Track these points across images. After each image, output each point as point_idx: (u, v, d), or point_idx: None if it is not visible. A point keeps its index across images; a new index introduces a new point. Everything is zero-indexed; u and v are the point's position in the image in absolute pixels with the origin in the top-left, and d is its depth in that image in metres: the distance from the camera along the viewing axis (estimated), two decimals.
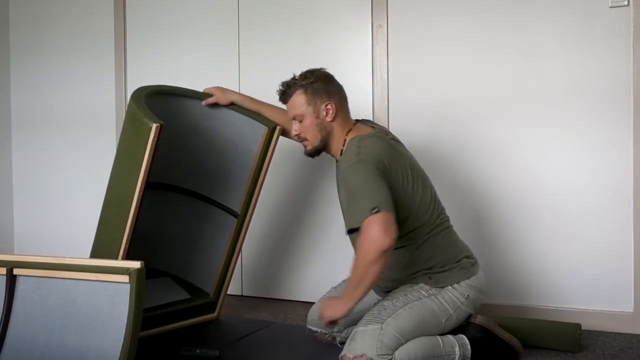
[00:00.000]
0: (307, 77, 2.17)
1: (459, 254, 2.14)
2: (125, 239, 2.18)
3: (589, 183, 2.54)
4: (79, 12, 3.59)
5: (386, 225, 1.88)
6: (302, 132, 2.18)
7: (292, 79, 2.19)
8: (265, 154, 2.48)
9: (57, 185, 3.68)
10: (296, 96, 2.17)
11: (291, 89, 2.18)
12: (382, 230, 1.87)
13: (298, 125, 2.19)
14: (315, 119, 2.15)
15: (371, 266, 1.89)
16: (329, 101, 2.14)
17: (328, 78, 2.20)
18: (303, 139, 2.20)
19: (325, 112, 2.15)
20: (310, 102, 2.15)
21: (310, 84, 2.15)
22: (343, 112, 2.19)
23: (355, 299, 1.96)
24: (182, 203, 2.71)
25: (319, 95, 2.15)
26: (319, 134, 2.16)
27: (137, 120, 2.17)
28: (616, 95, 2.49)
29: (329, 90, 2.16)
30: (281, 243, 3.12)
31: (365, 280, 1.92)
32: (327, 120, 2.15)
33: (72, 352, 1.82)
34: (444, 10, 2.74)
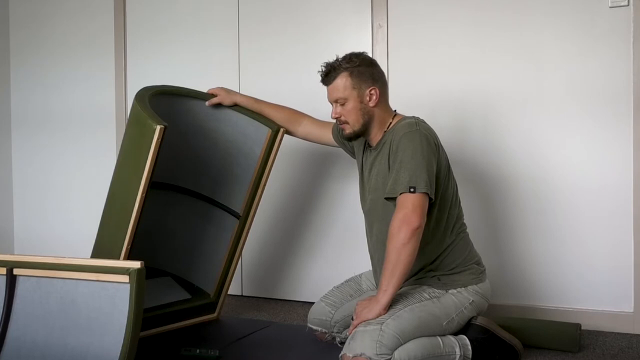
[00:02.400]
0: (352, 60, 2.12)
1: (471, 259, 2.15)
2: (127, 239, 2.17)
3: (589, 183, 2.54)
4: (79, 11, 3.59)
5: (417, 207, 1.92)
6: (344, 116, 2.14)
7: (336, 60, 2.14)
8: (268, 156, 2.48)
9: (58, 185, 3.68)
10: (340, 79, 2.12)
11: (336, 71, 2.12)
12: (412, 210, 1.91)
13: (340, 109, 2.14)
14: (359, 103, 2.12)
15: (404, 247, 1.91)
16: (374, 86, 2.12)
17: (372, 63, 2.16)
18: (343, 122, 2.16)
19: (369, 97, 2.12)
20: (355, 86, 2.11)
21: (355, 67, 2.11)
22: (385, 98, 2.17)
23: (391, 291, 1.95)
24: (184, 203, 2.71)
25: (364, 80, 2.11)
26: (361, 118, 2.13)
27: (141, 121, 2.17)
28: (616, 95, 2.49)
29: (373, 75, 2.13)
30: (281, 243, 3.12)
31: (400, 264, 1.92)
32: (370, 105, 2.12)
33: (72, 352, 1.82)
34: (444, 10, 2.74)
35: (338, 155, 2.81)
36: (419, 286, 2.08)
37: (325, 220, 3.01)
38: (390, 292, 1.95)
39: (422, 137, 2.02)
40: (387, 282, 1.95)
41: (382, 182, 2.11)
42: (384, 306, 1.96)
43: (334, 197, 2.99)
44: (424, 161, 1.97)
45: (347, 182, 2.90)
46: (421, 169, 1.96)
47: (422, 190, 1.94)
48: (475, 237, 2.53)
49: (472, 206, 2.70)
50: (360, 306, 2.02)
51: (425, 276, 2.09)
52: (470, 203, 2.71)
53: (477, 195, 2.72)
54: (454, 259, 2.11)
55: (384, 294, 1.95)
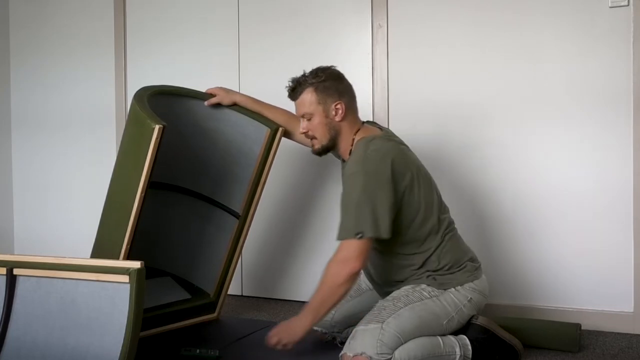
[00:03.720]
0: (318, 75, 2.14)
1: (464, 257, 2.14)
2: (126, 239, 2.17)
3: (589, 183, 2.54)
4: (79, 11, 3.59)
5: (361, 251, 1.96)
6: (311, 131, 2.16)
7: (303, 76, 2.16)
8: (267, 155, 2.48)
9: (58, 185, 3.68)
10: (306, 94, 2.14)
11: (301, 86, 2.14)
12: (355, 255, 1.95)
13: (306, 123, 2.16)
14: (325, 118, 2.13)
15: (339, 288, 1.97)
16: (339, 100, 2.13)
17: (339, 77, 2.17)
18: (311, 137, 2.18)
19: (334, 111, 2.13)
20: (320, 101, 2.12)
21: (321, 82, 2.12)
22: (352, 111, 2.17)
23: (316, 320, 2.02)
24: (184, 203, 2.71)
25: (330, 94, 2.12)
26: (327, 133, 2.15)
27: (140, 121, 2.17)
28: (616, 95, 2.49)
29: (339, 89, 2.14)
30: (281, 243, 3.12)
31: (330, 301, 1.99)
32: (337, 119, 2.13)
33: (72, 352, 1.82)
34: (444, 10, 2.74)
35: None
36: (418, 285, 2.08)
37: (325, 219, 3.00)
38: (315, 321, 2.03)
39: (367, 177, 1.98)
40: (314, 311, 2.01)
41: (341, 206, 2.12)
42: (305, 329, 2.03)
43: (334, 196, 2.98)
44: (368, 203, 1.96)
45: None
46: (366, 213, 1.95)
47: (368, 235, 1.95)
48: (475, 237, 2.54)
49: (472, 206, 2.70)
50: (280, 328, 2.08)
51: (421, 277, 2.09)
52: (470, 203, 2.71)
53: (477, 194, 2.71)
54: (447, 259, 2.10)
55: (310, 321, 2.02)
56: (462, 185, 2.73)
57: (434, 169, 2.48)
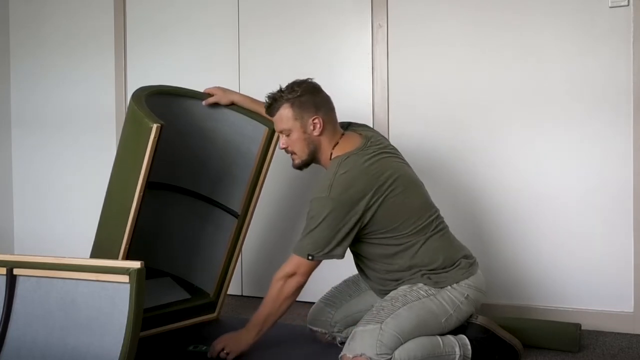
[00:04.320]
0: (294, 89, 2.13)
1: (457, 255, 2.14)
2: (125, 239, 2.17)
3: (589, 183, 2.54)
4: (78, 11, 3.58)
5: (307, 270, 2.05)
6: (290, 146, 2.16)
7: (279, 91, 2.16)
8: (265, 155, 2.48)
9: (58, 185, 3.68)
10: (283, 110, 2.13)
11: (277, 102, 2.14)
12: (302, 272, 2.05)
13: (285, 139, 2.17)
14: (303, 133, 2.13)
15: (284, 301, 2.07)
16: (316, 115, 2.12)
17: (315, 90, 2.17)
18: (291, 153, 2.19)
19: (312, 126, 2.12)
20: (297, 117, 2.12)
21: (297, 97, 2.12)
22: (330, 124, 2.17)
23: (260, 333, 2.10)
24: (183, 203, 2.71)
25: (306, 109, 2.12)
26: (306, 148, 2.15)
27: (138, 120, 2.17)
28: (616, 95, 2.49)
29: (316, 103, 2.13)
30: (281, 242, 3.11)
31: (274, 315, 2.09)
32: (315, 134, 2.13)
33: (72, 352, 1.82)
34: (444, 10, 2.74)
35: None
36: (415, 285, 2.07)
37: None
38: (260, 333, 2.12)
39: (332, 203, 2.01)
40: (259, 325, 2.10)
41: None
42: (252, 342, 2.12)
43: None
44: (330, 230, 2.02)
45: None
46: (324, 238, 2.02)
47: (319, 258, 2.04)
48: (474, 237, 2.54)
49: (472, 206, 2.70)
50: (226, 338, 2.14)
51: (416, 276, 2.08)
52: (469, 203, 2.71)
53: (477, 194, 2.71)
54: (440, 258, 2.09)
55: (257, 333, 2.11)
56: (462, 185, 2.73)
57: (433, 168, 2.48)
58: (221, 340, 2.14)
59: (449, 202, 2.27)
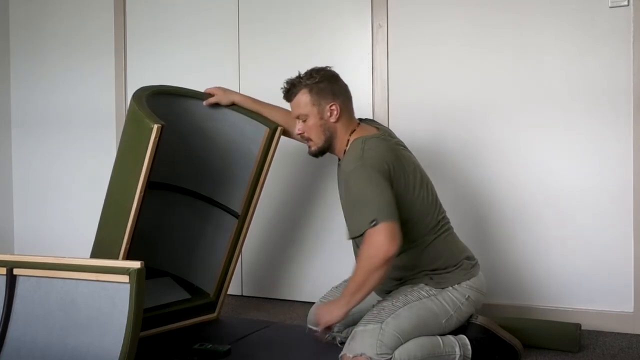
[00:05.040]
0: (313, 76, 2.14)
1: (460, 256, 2.14)
2: (125, 239, 2.17)
3: (589, 183, 2.54)
4: (79, 11, 3.58)
5: (391, 234, 1.89)
6: (306, 132, 2.17)
7: (297, 77, 2.16)
8: (266, 155, 2.48)
9: (58, 185, 3.68)
10: (301, 95, 2.14)
11: (296, 87, 2.15)
12: (387, 238, 1.88)
13: (302, 125, 2.17)
14: (320, 119, 2.13)
15: (374, 273, 1.90)
16: (334, 102, 2.12)
17: (334, 77, 2.17)
18: (307, 139, 2.19)
19: (329, 112, 2.13)
20: (315, 103, 2.12)
21: (315, 83, 2.12)
22: (347, 112, 2.17)
23: (353, 304, 1.97)
24: (183, 203, 2.71)
25: (324, 96, 2.12)
26: (322, 134, 2.15)
27: (139, 121, 2.17)
28: (616, 95, 2.48)
29: (334, 91, 2.14)
30: (281, 243, 3.12)
31: (366, 286, 1.93)
32: (331, 121, 2.13)
33: (72, 352, 1.82)
34: (444, 10, 2.74)
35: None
36: (416, 285, 2.08)
37: (325, 219, 3.01)
38: (351, 305, 1.97)
39: (366, 171, 1.98)
40: (349, 297, 1.96)
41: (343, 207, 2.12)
42: (344, 313, 1.98)
43: (333, 196, 2.98)
44: (377, 191, 1.95)
45: None
46: (377, 200, 1.94)
47: (386, 220, 1.90)
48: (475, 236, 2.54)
49: (472, 206, 2.70)
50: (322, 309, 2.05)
51: (417, 276, 2.09)
52: (469, 202, 2.71)
53: (476, 194, 2.71)
54: (443, 258, 2.09)
55: (347, 303, 1.97)
56: (462, 185, 2.73)
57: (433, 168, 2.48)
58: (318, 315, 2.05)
59: (448, 202, 2.27)
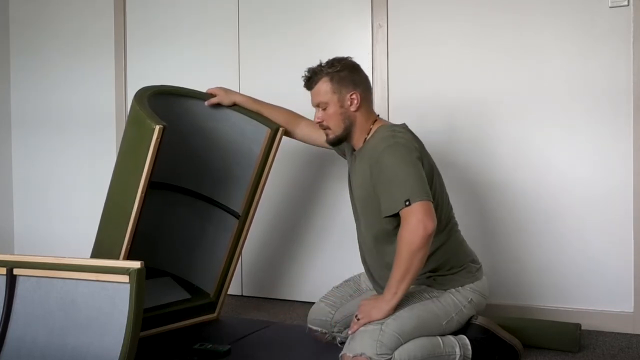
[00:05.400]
0: (334, 65, 2.13)
1: (465, 258, 2.15)
2: (126, 240, 2.17)
3: (589, 183, 2.54)
4: (79, 11, 3.59)
5: (425, 212, 1.90)
6: (325, 120, 2.15)
7: (319, 65, 2.15)
8: (267, 156, 2.48)
9: (58, 185, 3.68)
10: (322, 83, 2.13)
11: (317, 75, 2.14)
12: (423, 216, 1.89)
13: (321, 113, 2.16)
14: (340, 107, 2.12)
15: (416, 254, 1.90)
16: (355, 91, 2.12)
17: (355, 67, 2.17)
18: (325, 127, 2.18)
19: (349, 101, 2.12)
20: (335, 91, 2.12)
21: (336, 72, 2.12)
22: (367, 102, 2.17)
23: (400, 293, 1.94)
24: (184, 203, 2.71)
25: (345, 84, 2.12)
26: (342, 123, 2.14)
27: (140, 121, 2.17)
28: (616, 95, 2.49)
29: (355, 80, 2.14)
30: (281, 243, 3.12)
31: (411, 271, 1.91)
32: (352, 109, 2.13)
33: (72, 352, 1.82)
34: (444, 10, 2.74)
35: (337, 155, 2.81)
36: (418, 286, 2.08)
37: (325, 220, 3.01)
38: (399, 295, 1.94)
39: (401, 148, 2.01)
40: (396, 285, 1.93)
41: (366, 194, 2.11)
42: (393, 307, 1.95)
43: (333, 196, 2.99)
44: (412, 170, 1.96)
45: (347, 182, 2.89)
46: (412, 178, 1.95)
47: (420, 199, 1.92)
48: (475, 237, 2.54)
49: (472, 206, 2.70)
50: (366, 305, 2.00)
51: (421, 277, 2.09)
52: (470, 202, 2.71)
53: (477, 194, 2.71)
54: (449, 259, 2.10)
55: (394, 296, 1.94)
56: (461, 185, 2.73)
57: None
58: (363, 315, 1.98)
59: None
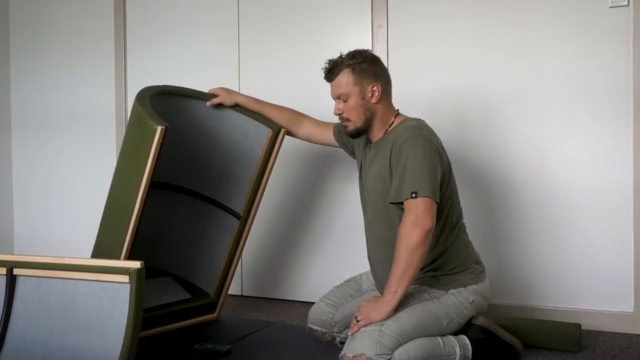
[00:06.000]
0: (355, 57, 2.12)
1: (470, 259, 2.15)
2: (127, 241, 2.17)
3: (589, 183, 2.54)
4: (79, 11, 3.58)
5: (426, 208, 1.93)
6: (346, 112, 2.14)
7: (340, 57, 2.14)
8: (269, 157, 2.47)
9: (57, 185, 3.68)
10: (343, 75, 2.12)
11: (338, 67, 2.12)
12: (422, 213, 1.92)
13: (342, 105, 2.14)
14: (361, 99, 2.12)
15: (415, 250, 1.91)
16: (376, 82, 2.12)
17: (375, 59, 2.17)
18: (345, 119, 2.16)
19: (371, 93, 2.12)
20: (357, 82, 2.11)
21: (358, 64, 2.11)
22: (387, 95, 2.17)
23: (400, 292, 1.94)
24: (185, 203, 2.71)
25: (366, 76, 2.11)
26: (363, 114, 2.13)
27: (142, 122, 2.16)
28: (616, 95, 2.49)
29: (375, 72, 2.13)
30: (281, 243, 3.12)
31: (411, 268, 1.92)
32: (372, 101, 2.12)
33: (72, 352, 1.82)
34: (444, 10, 2.74)
35: (338, 156, 2.81)
36: (419, 286, 2.08)
37: (326, 220, 3.01)
38: (399, 294, 1.94)
39: (426, 142, 2.02)
40: (396, 284, 1.94)
41: (382, 185, 2.10)
42: (393, 308, 1.94)
43: (334, 197, 2.99)
44: (428, 166, 1.98)
45: (348, 183, 2.90)
46: (425, 174, 1.96)
47: (426, 194, 1.94)
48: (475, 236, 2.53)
49: (472, 206, 2.70)
50: (366, 307, 1.99)
51: (425, 276, 2.09)
52: (470, 202, 2.70)
53: (477, 194, 2.71)
54: (454, 259, 2.11)
55: (394, 295, 1.94)
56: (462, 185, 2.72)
57: None
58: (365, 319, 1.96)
59: None
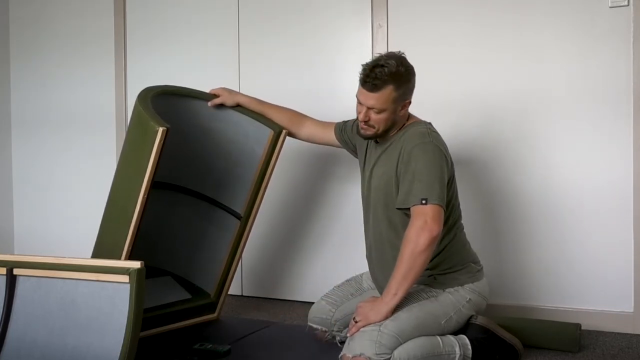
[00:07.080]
0: (399, 71, 2.04)
1: (467, 258, 2.16)
2: (128, 241, 2.16)
3: (589, 183, 2.54)
4: (79, 12, 3.58)
5: (435, 215, 1.93)
6: (373, 121, 2.10)
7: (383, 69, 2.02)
8: (270, 158, 2.47)
9: (58, 185, 3.68)
10: (386, 91, 2.03)
11: (385, 84, 2.03)
12: (431, 219, 1.92)
13: (373, 116, 2.08)
14: (393, 114, 2.10)
15: (420, 255, 1.91)
16: (409, 99, 2.12)
17: (413, 72, 2.12)
18: (370, 126, 2.12)
19: (402, 107, 2.11)
20: (397, 100, 2.07)
21: (403, 82, 2.05)
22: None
23: (400, 294, 1.94)
24: (185, 203, 2.71)
25: (406, 94, 2.10)
26: (388, 124, 2.12)
27: (144, 123, 2.16)
28: (616, 95, 2.49)
29: (412, 87, 2.12)
30: (282, 244, 3.12)
31: (412, 272, 1.92)
32: (400, 114, 2.13)
33: (72, 352, 1.82)
34: (444, 10, 2.74)
35: (339, 157, 2.81)
36: (417, 286, 2.08)
37: (326, 220, 3.01)
38: (399, 296, 1.94)
39: (435, 149, 2.03)
40: (397, 286, 1.94)
41: (385, 185, 2.11)
42: (391, 309, 1.95)
43: (334, 197, 2.99)
44: (437, 174, 1.99)
45: (348, 183, 2.90)
46: (435, 181, 1.97)
47: (436, 202, 1.95)
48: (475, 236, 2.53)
49: (472, 206, 2.70)
50: (364, 308, 2.00)
51: (422, 276, 2.09)
52: (470, 202, 2.70)
53: (477, 194, 2.71)
54: (451, 259, 2.12)
55: (393, 297, 1.94)
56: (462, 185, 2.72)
57: None
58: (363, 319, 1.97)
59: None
